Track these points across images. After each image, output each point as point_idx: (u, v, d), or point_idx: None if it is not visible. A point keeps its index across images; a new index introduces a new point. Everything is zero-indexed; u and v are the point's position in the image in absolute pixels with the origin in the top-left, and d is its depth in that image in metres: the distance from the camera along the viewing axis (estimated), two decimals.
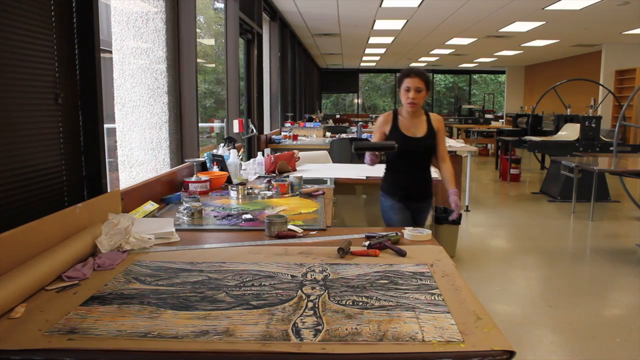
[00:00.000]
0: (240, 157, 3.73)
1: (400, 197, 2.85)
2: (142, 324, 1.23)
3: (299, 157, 4.16)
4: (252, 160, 4.08)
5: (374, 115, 19.23)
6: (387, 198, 2.89)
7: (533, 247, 5.03)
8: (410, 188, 2.86)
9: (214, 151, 3.70)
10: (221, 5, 4.93)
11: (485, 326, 1.23)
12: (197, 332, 1.19)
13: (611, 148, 6.98)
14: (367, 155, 2.75)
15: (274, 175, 3.75)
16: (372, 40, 11.61)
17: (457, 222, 4.54)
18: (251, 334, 1.18)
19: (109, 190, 2.19)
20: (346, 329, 1.21)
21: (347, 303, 1.37)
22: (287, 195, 2.95)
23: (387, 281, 1.54)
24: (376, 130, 2.87)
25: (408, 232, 2.04)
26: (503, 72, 20.10)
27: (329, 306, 1.35)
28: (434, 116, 2.88)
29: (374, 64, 18.65)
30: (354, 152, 2.72)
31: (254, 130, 5.72)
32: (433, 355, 1.11)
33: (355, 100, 22.94)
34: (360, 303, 1.37)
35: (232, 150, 3.56)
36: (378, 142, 2.77)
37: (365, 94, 25.33)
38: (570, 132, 8.57)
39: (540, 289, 3.96)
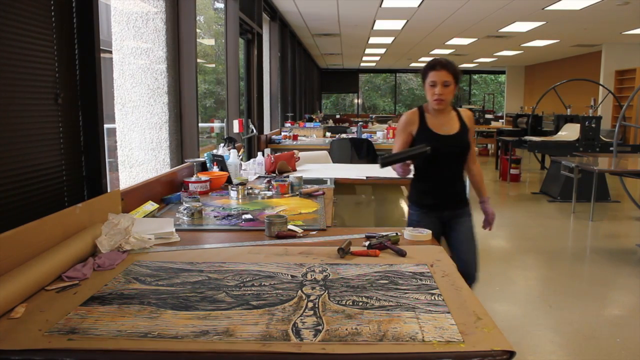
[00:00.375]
0: (240, 157, 3.73)
1: (431, 207, 2.53)
2: (142, 324, 1.23)
3: (299, 157, 4.16)
4: (252, 160, 4.08)
5: (373, 116, 19.22)
6: (415, 210, 2.57)
7: (533, 247, 5.03)
8: (443, 195, 2.53)
9: (214, 151, 3.70)
10: (221, 5, 4.93)
11: (485, 326, 1.23)
12: (197, 332, 1.19)
13: (611, 148, 6.98)
14: (398, 167, 2.40)
15: (274, 175, 3.75)
16: (372, 40, 11.61)
17: None
18: (251, 334, 1.18)
19: (109, 190, 2.19)
20: (346, 329, 1.21)
21: (347, 303, 1.37)
22: (287, 195, 2.95)
23: (387, 281, 1.54)
24: (400, 133, 2.53)
25: (408, 232, 2.04)
26: (503, 72, 20.11)
27: (329, 306, 1.34)
28: (464, 112, 2.56)
29: (374, 64, 18.65)
30: (380, 168, 2.38)
31: (254, 131, 5.72)
32: (433, 356, 1.11)
33: (355, 101, 22.94)
34: (360, 303, 1.37)
35: (232, 151, 3.56)
36: (408, 149, 2.40)
37: (365, 94, 25.34)
38: (570, 132, 8.58)
39: (540, 289, 3.96)
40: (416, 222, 2.50)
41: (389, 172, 2.63)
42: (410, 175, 2.56)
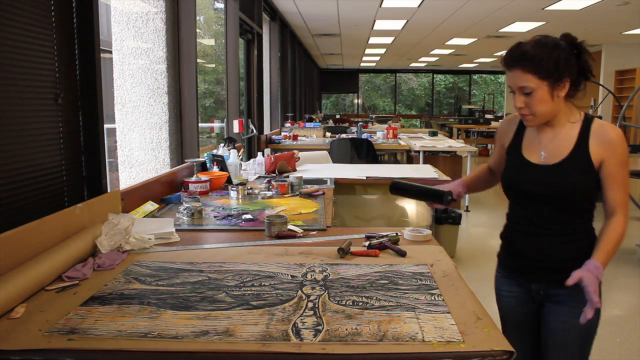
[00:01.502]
0: (240, 157, 3.73)
1: (513, 270, 1.71)
2: (142, 324, 1.23)
3: (299, 157, 4.16)
4: (252, 160, 4.08)
5: (373, 116, 19.23)
6: (499, 270, 1.79)
7: None
8: (528, 256, 1.64)
9: (214, 151, 3.70)
10: (221, 5, 4.93)
11: (485, 326, 1.23)
12: (197, 332, 1.19)
13: None
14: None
15: (274, 175, 3.75)
16: (372, 40, 11.61)
17: (457, 222, 4.54)
18: (251, 334, 1.18)
19: (109, 191, 2.19)
20: (346, 329, 1.21)
21: (347, 303, 1.37)
22: (287, 195, 2.95)
23: (387, 281, 1.54)
24: (495, 142, 1.83)
25: (408, 232, 2.04)
26: (503, 73, 19.93)
27: (329, 306, 1.34)
28: (599, 128, 1.53)
29: (374, 64, 18.66)
30: (390, 192, 1.86)
31: (254, 131, 5.72)
32: (433, 356, 1.11)
33: (355, 101, 22.95)
34: (360, 303, 1.37)
35: (232, 151, 3.56)
36: (425, 186, 1.74)
37: (365, 94, 25.34)
38: None
39: None
40: (498, 291, 1.79)
41: (390, 172, 2.62)
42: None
